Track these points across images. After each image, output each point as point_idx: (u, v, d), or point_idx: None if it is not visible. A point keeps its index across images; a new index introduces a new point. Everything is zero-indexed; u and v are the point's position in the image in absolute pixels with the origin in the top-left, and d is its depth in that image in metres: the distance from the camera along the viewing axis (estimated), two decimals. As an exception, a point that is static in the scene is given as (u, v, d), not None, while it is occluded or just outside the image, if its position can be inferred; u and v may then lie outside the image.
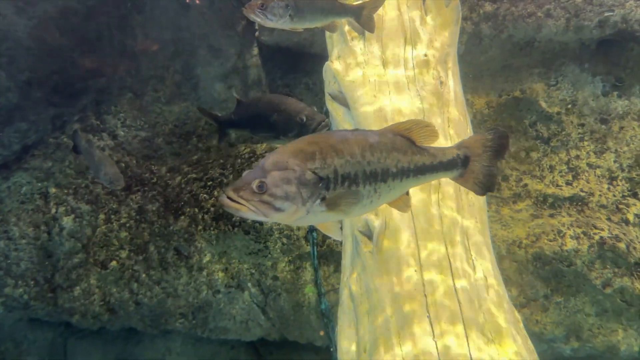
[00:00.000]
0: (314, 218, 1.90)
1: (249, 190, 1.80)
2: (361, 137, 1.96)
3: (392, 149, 1.99)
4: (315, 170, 1.84)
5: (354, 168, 1.90)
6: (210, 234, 4.87)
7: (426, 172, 2.08)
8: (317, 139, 1.96)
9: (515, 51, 5.01)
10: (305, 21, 2.89)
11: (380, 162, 1.95)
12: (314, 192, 1.84)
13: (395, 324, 2.50)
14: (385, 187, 1.98)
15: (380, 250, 2.74)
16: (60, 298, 4.68)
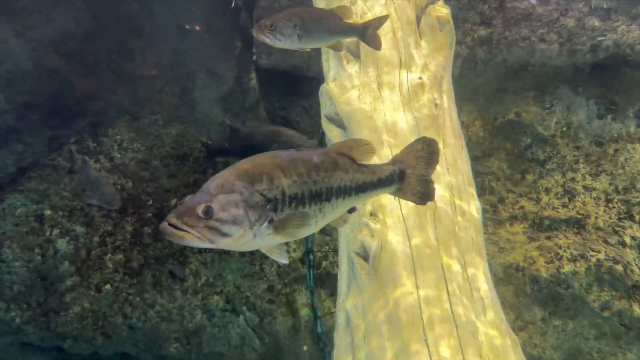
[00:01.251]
0: (260, 242, 1.84)
1: (194, 215, 1.70)
2: (307, 157, 1.94)
3: (335, 168, 1.98)
4: (262, 192, 1.79)
5: (300, 188, 1.87)
6: (205, 257, 4.84)
7: (367, 189, 2.08)
8: (263, 159, 1.90)
9: (510, 75, 5.07)
10: (313, 41, 2.91)
11: (325, 181, 1.93)
12: (261, 214, 1.78)
13: (391, 347, 2.46)
14: (330, 207, 1.96)
15: (377, 272, 2.72)
16: (53, 322, 4.61)
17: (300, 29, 2.81)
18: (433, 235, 2.80)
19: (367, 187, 2.08)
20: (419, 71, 3.25)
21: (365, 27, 2.97)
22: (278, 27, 2.77)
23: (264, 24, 2.79)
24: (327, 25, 2.93)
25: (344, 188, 1.98)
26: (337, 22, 2.95)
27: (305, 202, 1.88)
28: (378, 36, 2.99)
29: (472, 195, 3.12)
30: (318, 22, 2.89)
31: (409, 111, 3.16)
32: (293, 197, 1.84)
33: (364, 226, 2.85)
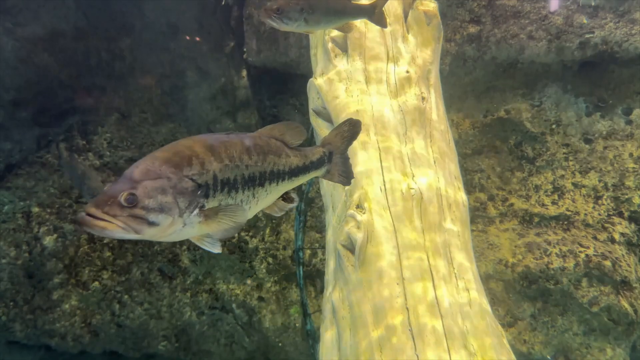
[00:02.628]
0: (191, 230, 1.73)
1: (116, 204, 1.58)
2: (238, 140, 1.86)
3: (268, 151, 1.92)
4: (192, 177, 1.68)
5: (233, 172, 1.78)
6: (194, 254, 4.81)
7: (299, 173, 2.05)
8: (192, 142, 1.78)
9: (499, 72, 5.08)
10: (320, 23, 2.85)
11: (258, 165, 1.86)
12: (192, 201, 1.67)
13: (377, 338, 2.45)
14: (263, 192, 1.90)
15: (363, 264, 2.71)
16: (40, 320, 4.57)
17: (307, 12, 2.76)
18: (419, 226, 2.79)
19: (300, 171, 2.05)
20: (406, 64, 3.26)
21: (373, 7, 2.92)
22: (285, 10, 2.72)
23: (270, 7, 2.75)
24: (334, 7, 2.87)
25: (277, 172, 1.93)
26: (345, 4, 2.90)
27: (238, 187, 1.80)
28: (384, 14, 2.95)
29: (459, 187, 3.11)
30: (324, 5, 2.84)
31: (396, 105, 3.16)
32: (225, 182, 1.75)
33: (350, 218, 2.84)
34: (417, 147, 3.05)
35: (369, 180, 2.93)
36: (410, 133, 3.09)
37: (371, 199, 2.86)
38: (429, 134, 3.15)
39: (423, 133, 3.12)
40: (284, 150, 1.98)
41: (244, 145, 1.86)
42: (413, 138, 3.08)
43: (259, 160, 1.88)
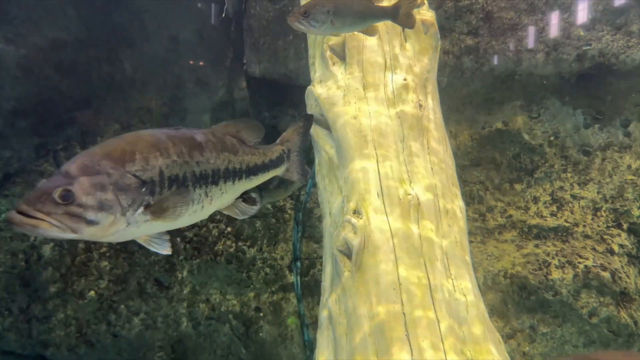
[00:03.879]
0: (136, 230, 1.63)
1: (50, 201, 1.46)
2: (187, 136, 1.75)
3: (222, 148, 1.81)
4: (135, 173, 1.58)
5: (181, 169, 1.66)
6: (191, 264, 4.79)
7: (258, 172, 1.96)
8: (135, 137, 1.67)
9: (497, 84, 5.11)
10: (346, 26, 2.84)
11: (211, 162, 1.74)
12: (135, 198, 1.56)
13: (373, 343, 2.43)
14: (217, 191, 1.80)
15: (359, 269, 2.69)
16: (35, 329, 4.53)
17: (333, 14, 2.78)
18: (416, 233, 2.78)
19: (258, 170, 1.96)
20: (404, 72, 3.27)
21: (396, 9, 2.91)
22: (311, 13, 2.74)
23: (297, 11, 2.77)
24: (359, 9, 2.87)
25: (233, 170, 1.82)
26: (368, 6, 2.90)
27: (188, 185, 1.68)
28: (412, 15, 2.90)
29: (456, 195, 3.11)
30: (350, 7, 2.84)
31: (393, 112, 3.17)
32: (173, 178, 1.64)
33: (347, 223, 2.82)
34: (415, 154, 3.05)
35: (366, 186, 2.93)
36: (408, 140, 3.09)
37: (368, 204, 2.85)
38: (427, 141, 3.15)
39: (420, 140, 3.12)
40: (240, 148, 1.88)
41: (195, 141, 1.75)
42: (410, 145, 3.08)
43: (212, 157, 1.76)
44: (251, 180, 1.93)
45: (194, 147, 1.72)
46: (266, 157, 1.99)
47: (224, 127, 1.90)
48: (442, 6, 4.77)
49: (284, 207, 5.04)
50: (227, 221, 4.94)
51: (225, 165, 1.81)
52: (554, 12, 4.72)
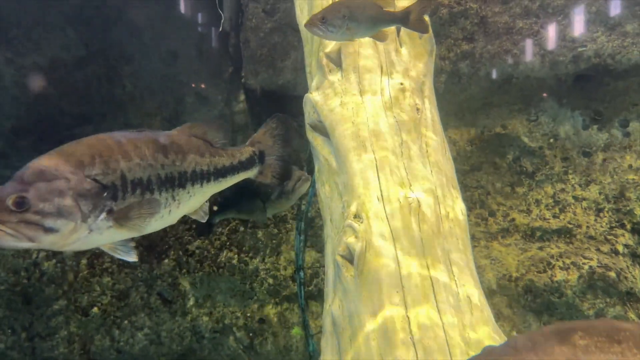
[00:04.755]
0: (99, 237, 1.54)
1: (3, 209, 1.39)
2: (149, 138, 1.68)
3: (188, 150, 1.74)
4: (95, 178, 1.50)
5: (145, 172, 1.59)
6: (194, 277, 4.77)
7: (227, 174, 1.90)
8: (94, 140, 1.60)
9: (494, 88, 5.12)
10: (360, 31, 2.88)
11: (176, 165, 1.67)
12: (97, 204, 1.49)
13: (377, 347, 2.41)
14: (185, 194, 1.72)
15: (361, 274, 2.67)
16: (38, 347, 4.51)
17: (349, 19, 2.81)
18: (418, 235, 2.77)
19: (227, 172, 1.89)
20: (400, 77, 3.28)
21: (406, 14, 2.92)
22: (329, 19, 2.78)
23: (315, 17, 2.80)
24: (371, 14, 2.91)
25: (200, 173, 1.75)
26: (379, 11, 2.93)
27: (154, 189, 1.61)
28: (424, 20, 2.92)
29: (457, 197, 3.10)
30: (363, 12, 2.88)
31: (391, 116, 3.17)
32: (137, 182, 1.57)
33: (348, 228, 2.82)
34: (414, 157, 3.05)
35: (366, 191, 2.92)
36: (406, 143, 3.09)
37: (368, 209, 2.85)
38: (425, 144, 3.15)
39: (419, 143, 3.13)
40: (207, 150, 1.82)
41: (158, 143, 1.68)
42: (409, 148, 3.08)
43: (177, 160, 1.69)
44: (220, 182, 1.87)
45: (158, 150, 1.66)
46: (234, 158, 1.93)
47: (189, 129, 1.83)
48: (437, 12, 4.81)
49: (286, 217, 5.03)
50: (229, 232, 4.93)
51: (193, 167, 1.74)
52: (548, 15, 4.74)
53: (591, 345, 1.37)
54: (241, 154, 1.96)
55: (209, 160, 1.81)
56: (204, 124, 1.85)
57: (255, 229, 4.97)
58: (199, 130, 1.83)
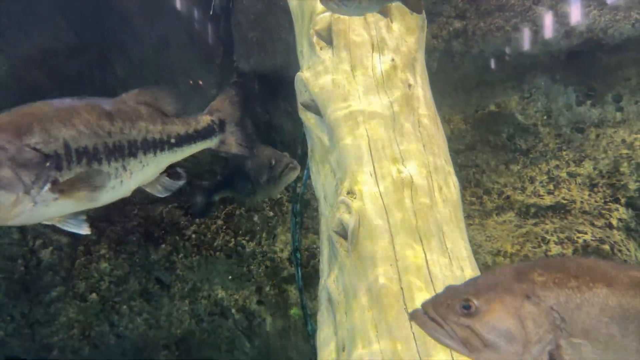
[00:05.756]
0: (46, 210, 1.48)
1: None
2: (93, 104, 1.61)
3: (137, 117, 1.66)
4: (35, 146, 1.42)
5: (91, 141, 1.51)
6: (191, 261, 4.79)
7: (183, 143, 1.81)
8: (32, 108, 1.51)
9: (488, 66, 5.11)
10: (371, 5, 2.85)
11: (125, 133, 1.60)
12: (39, 174, 1.41)
13: (372, 318, 2.43)
14: (137, 164, 1.66)
15: (356, 248, 2.69)
16: (38, 334, 4.54)
17: None
18: (411, 209, 2.78)
19: (183, 141, 1.81)
20: (392, 53, 3.28)
21: None
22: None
23: None
24: None
25: (152, 142, 1.68)
26: None
27: (102, 158, 1.54)
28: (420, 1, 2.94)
29: (450, 172, 3.11)
30: None
31: (383, 93, 3.17)
32: (82, 151, 1.49)
33: (342, 204, 2.83)
34: (406, 132, 3.06)
35: (359, 167, 2.93)
36: (398, 119, 3.10)
37: (361, 184, 2.86)
38: (417, 120, 3.15)
39: (411, 119, 3.13)
40: (159, 118, 1.74)
41: (103, 110, 1.60)
42: (401, 124, 3.08)
43: (126, 128, 1.62)
44: (175, 152, 1.80)
45: (103, 117, 1.59)
46: (190, 127, 1.85)
47: (136, 96, 1.76)
48: (429, -9, 4.79)
49: (281, 200, 5.04)
50: (225, 217, 4.94)
51: (143, 135, 1.66)
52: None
53: (549, 282, 1.43)
54: (198, 122, 1.88)
55: (162, 129, 1.73)
56: (154, 90, 1.77)
57: (252, 212, 4.98)
58: (148, 97, 1.76)
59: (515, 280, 1.46)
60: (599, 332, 1.41)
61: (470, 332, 1.42)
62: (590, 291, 1.41)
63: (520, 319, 1.41)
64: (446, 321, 1.44)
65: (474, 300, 1.44)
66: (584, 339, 1.41)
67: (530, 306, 1.42)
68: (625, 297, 1.42)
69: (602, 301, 1.42)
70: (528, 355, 1.41)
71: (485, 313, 1.42)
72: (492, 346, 1.41)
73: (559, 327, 1.42)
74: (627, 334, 1.41)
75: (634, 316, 1.41)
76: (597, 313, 1.41)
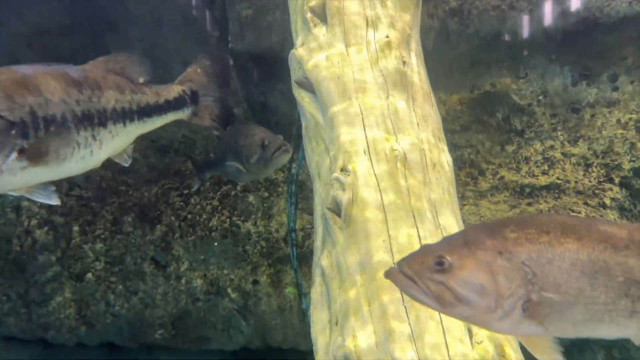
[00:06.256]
0: (12, 179, 1.42)
1: None
2: (60, 72, 1.54)
3: (105, 86, 1.60)
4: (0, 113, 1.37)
5: (59, 109, 1.46)
6: (187, 241, 4.80)
7: (153, 113, 1.74)
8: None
9: (483, 46, 5.08)
10: None
11: (94, 101, 1.54)
12: (4, 142, 1.36)
13: (364, 293, 2.45)
14: (107, 134, 1.61)
15: (349, 225, 2.70)
16: (34, 313, 4.56)
17: None
18: (404, 186, 2.79)
19: (153, 111, 1.74)
20: (386, 29, 3.26)
21: None
22: None
23: None
24: None
25: (122, 111, 1.62)
26: None
27: (70, 127, 1.49)
28: None
29: (443, 149, 3.11)
30: None
31: (377, 69, 3.16)
32: (49, 119, 1.44)
33: (335, 181, 2.84)
34: (400, 109, 3.05)
35: (352, 144, 2.93)
36: (392, 96, 3.09)
37: (355, 161, 2.86)
38: (411, 97, 3.14)
39: (405, 96, 3.12)
40: (127, 86, 1.67)
41: (70, 77, 1.54)
42: (395, 101, 3.08)
43: (95, 96, 1.56)
44: (145, 122, 1.73)
45: (70, 85, 1.53)
46: (160, 97, 1.77)
47: (104, 63, 1.68)
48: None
49: (276, 180, 5.04)
50: (221, 197, 4.94)
51: (112, 105, 1.61)
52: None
53: (521, 238, 1.48)
54: (168, 92, 1.80)
55: (131, 98, 1.68)
56: (123, 57, 1.69)
57: (247, 192, 4.98)
58: (116, 64, 1.69)
59: (488, 237, 1.50)
60: (570, 285, 1.44)
61: (443, 287, 1.45)
62: (562, 246, 1.45)
63: (493, 274, 1.44)
64: (420, 278, 1.46)
65: (447, 257, 1.47)
66: (555, 293, 1.44)
67: (502, 262, 1.45)
68: (595, 251, 1.46)
69: (573, 255, 1.45)
70: (500, 310, 1.45)
71: (459, 269, 1.45)
72: (465, 301, 1.44)
73: (531, 281, 1.45)
74: (596, 286, 1.45)
75: (603, 269, 1.45)
76: (568, 267, 1.45)
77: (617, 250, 1.45)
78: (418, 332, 2.24)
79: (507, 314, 1.45)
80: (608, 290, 1.44)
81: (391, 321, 2.29)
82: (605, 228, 1.53)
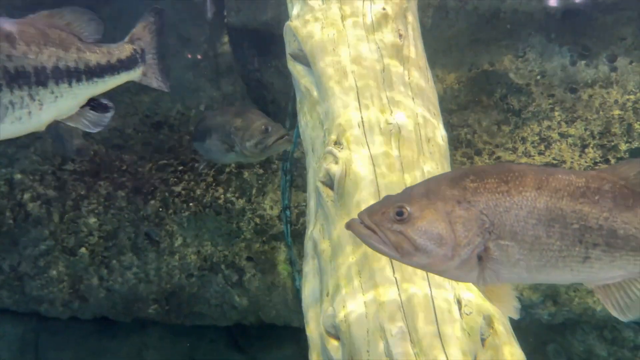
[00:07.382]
0: None
1: None
2: None
3: (46, 42, 1.49)
4: None
5: None
6: (181, 217, 4.78)
7: (104, 73, 1.63)
8: None
9: (482, 24, 5.03)
10: None
11: (30, 57, 1.42)
12: None
13: (356, 265, 2.44)
14: (48, 94, 1.48)
15: (342, 198, 2.69)
16: (27, 286, 4.56)
17: None
18: (397, 160, 2.77)
19: (104, 71, 1.62)
20: (383, 2, 3.21)
21: None
22: None
23: None
24: None
25: (66, 70, 1.50)
26: None
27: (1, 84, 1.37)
28: None
29: (438, 123, 3.09)
30: None
31: (373, 42, 3.12)
32: None
33: (328, 154, 2.81)
34: (395, 83, 3.02)
35: (346, 118, 2.90)
36: (388, 70, 3.05)
37: (349, 135, 2.84)
38: (407, 71, 3.11)
39: (401, 70, 3.08)
40: (74, 44, 1.55)
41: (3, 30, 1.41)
42: (391, 75, 3.04)
43: (31, 52, 1.44)
44: (96, 83, 1.62)
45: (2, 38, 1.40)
46: (112, 56, 1.66)
47: (46, 17, 1.55)
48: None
49: (271, 157, 5.01)
50: (215, 173, 4.92)
51: (54, 62, 1.48)
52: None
53: (480, 187, 1.51)
54: (120, 51, 1.69)
55: (77, 56, 1.55)
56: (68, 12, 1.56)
57: (241, 169, 4.96)
58: (60, 20, 1.56)
59: (448, 187, 1.53)
60: (526, 233, 1.47)
61: (402, 237, 1.49)
62: (520, 195, 1.48)
63: (451, 223, 1.48)
64: (380, 228, 1.49)
65: (407, 207, 1.50)
66: (512, 241, 1.47)
67: (460, 211, 1.49)
68: (552, 199, 1.49)
69: (530, 204, 1.48)
70: (457, 258, 1.49)
71: (418, 219, 1.48)
72: (423, 250, 1.48)
73: (488, 230, 1.48)
74: (551, 234, 1.48)
75: (559, 217, 1.48)
76: (524, 216, 1.48)
77: (574, 198, 1.48)
78: (407, 302, 2.24)
79: (465, 262, 1.48)
80: (563, 237, 1.47)
81: (381, 292, 2.28)
82: (564, 176, 1.55)
